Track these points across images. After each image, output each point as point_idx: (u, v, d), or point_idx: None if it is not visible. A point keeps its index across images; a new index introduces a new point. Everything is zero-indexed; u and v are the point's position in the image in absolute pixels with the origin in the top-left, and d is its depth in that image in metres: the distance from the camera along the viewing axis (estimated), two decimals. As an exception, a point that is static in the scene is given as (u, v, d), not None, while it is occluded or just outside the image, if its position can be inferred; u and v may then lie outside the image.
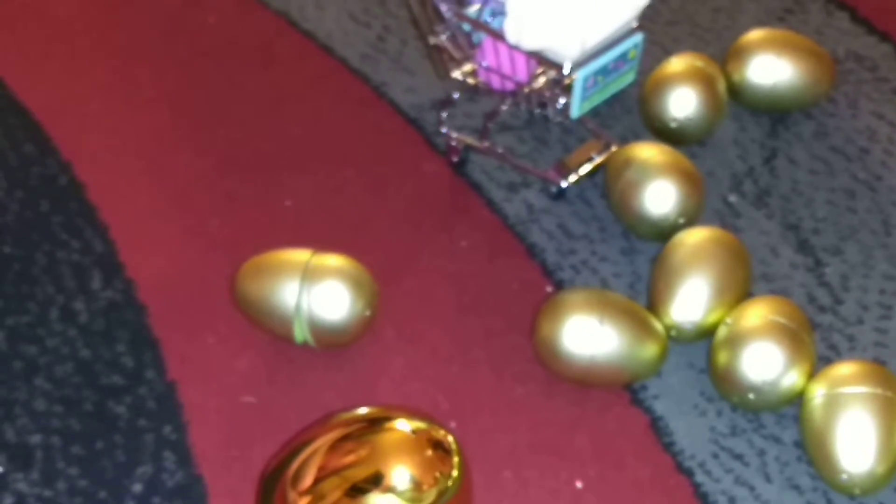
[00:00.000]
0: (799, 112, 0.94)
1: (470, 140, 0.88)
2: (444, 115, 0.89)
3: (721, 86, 0.91)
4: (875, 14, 1.03)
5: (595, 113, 0.87)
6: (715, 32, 1.01)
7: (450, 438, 0.64)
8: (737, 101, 0.93)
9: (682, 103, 0.88)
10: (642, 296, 0.82)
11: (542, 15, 0.74)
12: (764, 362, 0.73)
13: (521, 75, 0.81)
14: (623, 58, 0.79)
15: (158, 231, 0.85)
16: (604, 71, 0.79)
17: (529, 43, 0.75)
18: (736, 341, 0.74)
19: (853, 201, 0.89)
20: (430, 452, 0.62)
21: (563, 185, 0.86)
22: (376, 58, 0.98)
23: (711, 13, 1.03)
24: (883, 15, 1.03)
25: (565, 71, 0.77)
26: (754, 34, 0.93)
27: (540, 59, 0.78)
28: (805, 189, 0.90)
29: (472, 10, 0.82)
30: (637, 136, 0.92)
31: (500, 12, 0.79)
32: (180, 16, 1.02)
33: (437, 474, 0.62)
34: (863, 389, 0.71)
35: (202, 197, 0.87)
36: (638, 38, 0.80)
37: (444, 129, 0.89)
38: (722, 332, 0.75)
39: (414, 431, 0.63)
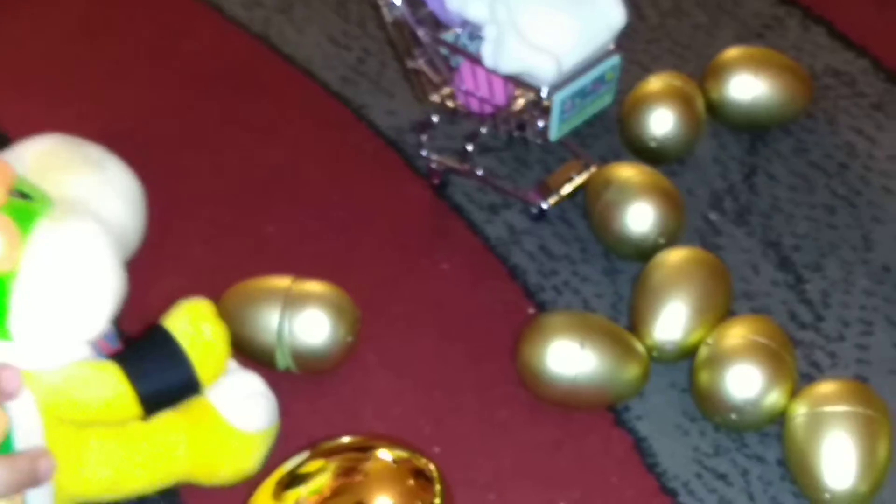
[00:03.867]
0: (778, 128, 0.95)
1: (450, 162, 0.89)
2: (424, 138, 0.89)
3: (699, 104, 0.91)
4: (852, 29, 1.04)
5: (575, 133, 0.87)
6: (694, 50, 1.02)
7: (431, 466, 0.64)
8: (716, 119, 0.94)
9: (661, 122, 0.89)
10: (624, 316, 0.82)
11: (519, 39, 0.75)
12: (745, 382, 0.73)
13: (500, 98, 0.81)
14: (601, 80, 0.80)
15: (142, 261, 0.85)
16: (581, 93, 0.79)
17: (506, 67, 0.76)
18: (717, 362, 0.74)
19: (833, 217, 0.89)
20: (411, 482, 0.62)
21: (544, 206, 0.87)
22: (356, 80, 0.98)
23: (690, 30, 1.04)
24: (860, 29, 1.03)
25: (543, 94, 0.77)
26: (731, 52, 0.93)
27: (517, 82, 0.78)
28: (785, 205, 0.90)
29: (450, 33, 0.82)
30: (617, 156, 0.92)
31: (477, 36, 0.79)
32: (159, 44, 1.02)
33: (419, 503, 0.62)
34: (844, 408, 0.72)
35: (184, 225, 0.87)
36: (615, 60, 0.80)
37: (424, 152, 0.89)
38: (703, 352, 0.76)
39: (395, 461, 0.63)
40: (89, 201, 0.68)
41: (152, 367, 0.66)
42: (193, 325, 0.67)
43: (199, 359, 0.67)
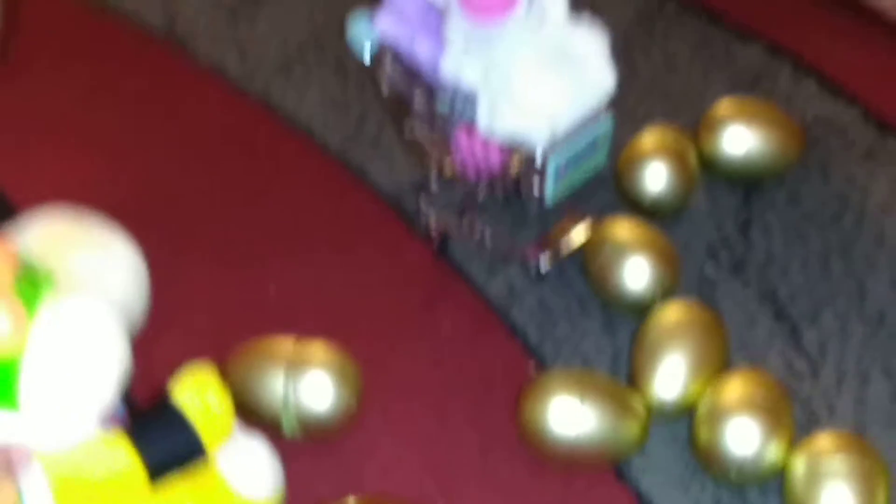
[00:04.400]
0: (772, 180, 0.96)
1: (449, 224, 0.90)
2: (423, 201, 0.91)
3: (692, 158, 0.92)
4: (842, 77, 1.05)
5: (572, 190, 0.89)
6: (687, 102, 1.03)
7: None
8: (710, 172, 0.95)
9: (655, 178, 0.90)
10: (624, 370, 0.83)
11: (513, 104, 0.76)
12: (743, 438, 0.74)
13: (495, 163, 0.83)
14: (594, 142, 0.81)
15: (146, 326, 0.86)
16: (576, 156, 0.80)
17: (501, 132, 0.77)
18: (715, 418, 0.75)
19: (828, 267, 0.90)
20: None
21: (543, 264, 0.88)
22: (356, 141, 1.00)
23: (682, 83, 1.05)
24: (850, 78, 1.05)
25: (538, 158, 0.79)
26: (724, 105, 0.95)
27: (512, 147, 0.80)
28: (780, 257, 0.91)
29: (445, 101, 0.84)
30: (613, 211, 0.93)
31: (471, 103, 0.80)
32: (163, 107, 1.04)
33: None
34: (842, 460, 0.73)
35: (188, 290, 0.89)
36: (607, 122, 0.82)
37: (423, 214, 0.91)
38: (702, 408, 0.77)
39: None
40: (93, 277, 0.70)
41: (159, 438, 0.68)
42: (198, 393, 0.69)
43: (204, 427, 0.69)
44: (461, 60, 0.77)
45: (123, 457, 0.66)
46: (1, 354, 0.64)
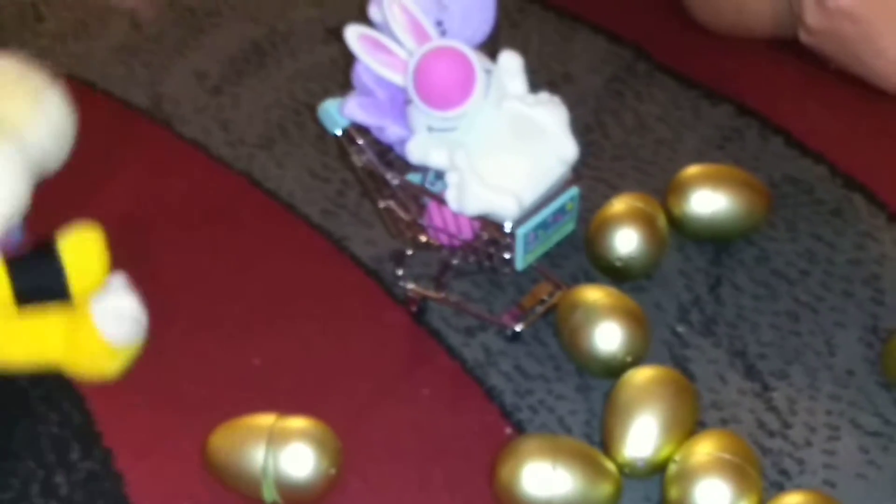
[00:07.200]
0: (741, 239, 0.98)
1: (426, 291, 0.93)
2: (400, 271, 0.93)
3: (661, 222, 0.95)
4: (808, 136, 1.08)
5: (545, 254, 0.91)
6: (658, 165, 1.06)
7: None
8: (680, 233, 0.98)
9: (625, 243, 0.93)
10: (598, 431, 0.85)
11: (480, 182, 0.79)
12: (713, 499, 0.76)
13: (467, 233, 0.86)
14: (561, 210, 0.84)
15: (133, 397, 0.89)
16: (544, 225, 0.83)
17: (471, 209, 0.80)
18: (685, 479, 0.77)
19: (797, 324, 0.93)
20: None
21: (518, 328, 0.90)
22: (336, 212, 1.03)
23: (653, 146, 1.09)
24: (816, 136, 1.08)
25: (506, 230, 0.81)
26: (691, 170, 0.97)
27: (482, 220, 0.82)
28: (750, 314, 0.93)
29: (416, 174, 0.87)
30: (586, 274, 0.96)
31: (442, 176, 0.83)
32: (148, 185, 1.07)
33: None
34: (809, 518, 0.75)
35: (174, 362, 0.91)
36: (574, 191, 0.84)
37: (401, 283, 0.93)
38: (671, 470, 0.79)
39: None
40: (17, 123, 0.84)
41: (31, 269, 0.83)
42: (79, 244, 0.84)
43: (78, 272, 0.84)
44: (427, 146, 0.80)
45: None
46: None
